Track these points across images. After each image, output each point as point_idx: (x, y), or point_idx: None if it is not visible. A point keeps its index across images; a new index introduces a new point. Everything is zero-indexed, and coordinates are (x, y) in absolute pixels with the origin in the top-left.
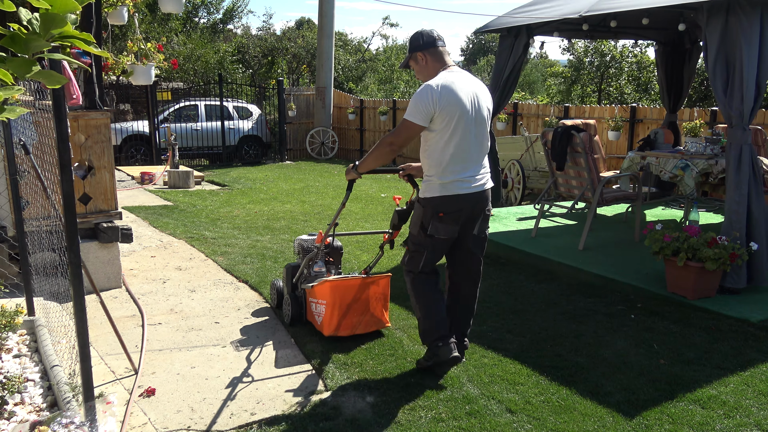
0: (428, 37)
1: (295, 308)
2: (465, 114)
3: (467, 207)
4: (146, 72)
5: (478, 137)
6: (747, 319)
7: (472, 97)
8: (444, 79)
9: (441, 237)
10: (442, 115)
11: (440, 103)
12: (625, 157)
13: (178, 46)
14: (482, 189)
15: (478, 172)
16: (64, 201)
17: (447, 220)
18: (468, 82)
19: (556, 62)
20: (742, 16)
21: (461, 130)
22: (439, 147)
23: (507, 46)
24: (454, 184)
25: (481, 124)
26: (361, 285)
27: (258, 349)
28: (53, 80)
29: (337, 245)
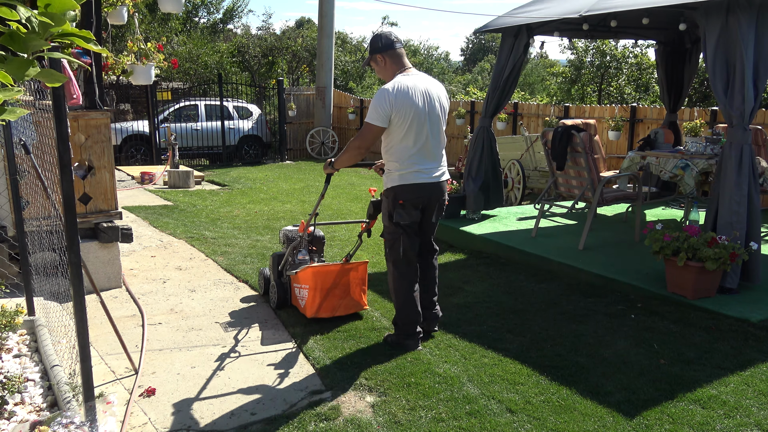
0: (386, 39)
1: (280, 293)
2: (419, 113)
3: (425, 195)
4: (146, 72)
5: (434, 133)
6: (747, 319)
7: (427, 97)
8: (399, 83)
9: (405, 223)
10: (398, 115)
11: (396, 105)
12: (625, 157)
13: (178, 46)
14: (438, 180)
15: (434, 164)
16: (64, 201)
17: (407, 207)
18: (422, 84)
19: (556, 62)
20: (741, 16)
21: (416, 127)
22: (397, 143)
23: (507, 45)
24: (411, 174)
25: (435, 121)
26: (341, 271)
27: (258, 348)
28: (53, 79)
29: (319, 234)
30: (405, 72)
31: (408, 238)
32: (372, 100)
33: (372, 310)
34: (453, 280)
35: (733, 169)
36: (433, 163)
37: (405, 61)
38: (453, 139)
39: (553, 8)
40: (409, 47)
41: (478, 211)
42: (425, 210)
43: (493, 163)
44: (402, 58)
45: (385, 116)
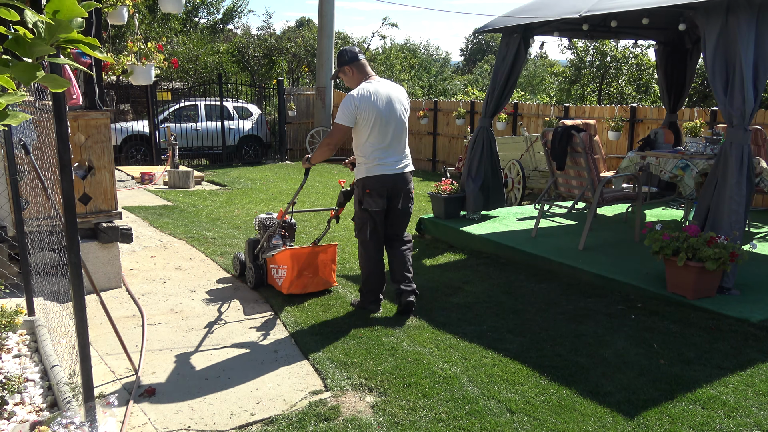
0: (351, 53)
1: (257, 274)
2: (381, 114)
3: (389, 184)
4: (146, 72)
5: (396, 130)
6: (747, 319)
7: (388, 100)
8: (363, 89)
9: (373, 209)
10: (362, 116)
11: (360, 107)
12: (624, 158)
13: (178, 46)
14: (401, 171)
15: (397, 157)
16: (64, 201)
17: (374, 195)
18: (384, 88)
19: (556, 62)
20: (741, 16)
21: (380, 126)
22: (364, 140)
23: (507, 45)
24: (376, 167)
25: (397, 120)
26: (312, 253)
27: (258, 348)
28: (57, 84)
29: (292, 222)
30: (369, 79)
31: (374, 222)
32: (340, 104)
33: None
34: (453, 280)
35: (733, 169)
36: (397, 157)
37: (368, 70)
38: (453, 139)
39: (553, 8)
40: (410, 47)
41: (477, 211)
42: (391, 198)
43: (493, 163)
44: (365, 67)
45: (351, 117)
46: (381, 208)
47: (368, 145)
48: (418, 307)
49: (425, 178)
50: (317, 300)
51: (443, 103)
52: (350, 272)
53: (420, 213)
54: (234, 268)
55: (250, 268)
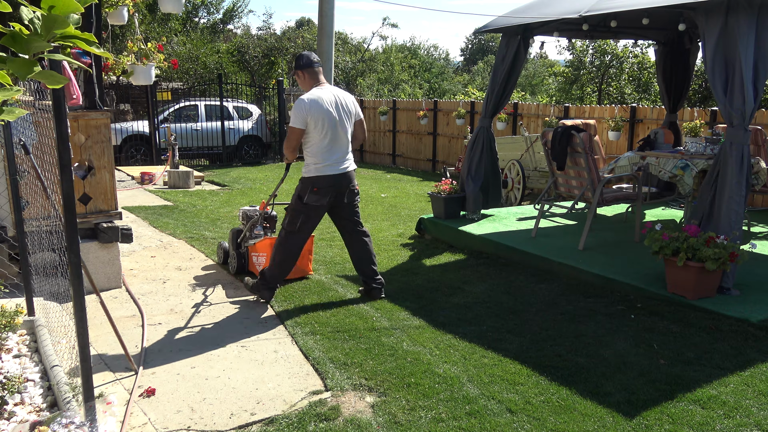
0: (307, 59)
1: (239, 261)
2: (330, 118)
3: (335, 183)
4: (146, 72)
5: (341, 134)
6: (747, 319)
7: (335, 105)
8: (312, 95)
9: (314, 204)
10: (312, 120)
11: (310, 112)
12: (622, 157)
13: (178, 46)
14: (346, 170)
15: (342, 158)
16: (64, 201)
17: (320, 193)
18: (332, 95)
19: (556, 62)
20: (741, 16)
21: (326, 129)
22: (313, 142)
23: (507, 46)
24: (324, 167)
25: (343, 124)
26: None
27: (258, 348)
28: (54, 81)
29: (273, 214)
30: (319, 86)
31: (309, 215)
32: (293, 108)
33: (372, 311)
34: (453, 280)
35: (734, 169)
36: (342, 158)
37: (320, 78)
38: (453, 139)
39: (553, 8)
40: (409, 47)
41: (477, 211)
42: (337, 195)
43: (493, 163)
44: (318, 75)
45: (303, 121)
46: (320, 205)
47: (317, 147)
48: (418, 307)
49: (425, 178)
50: (317, 300)
51: (443, 103)
52: (350, 272)
53: (420, 213)
54: (218, 255)
55: (233, 256)
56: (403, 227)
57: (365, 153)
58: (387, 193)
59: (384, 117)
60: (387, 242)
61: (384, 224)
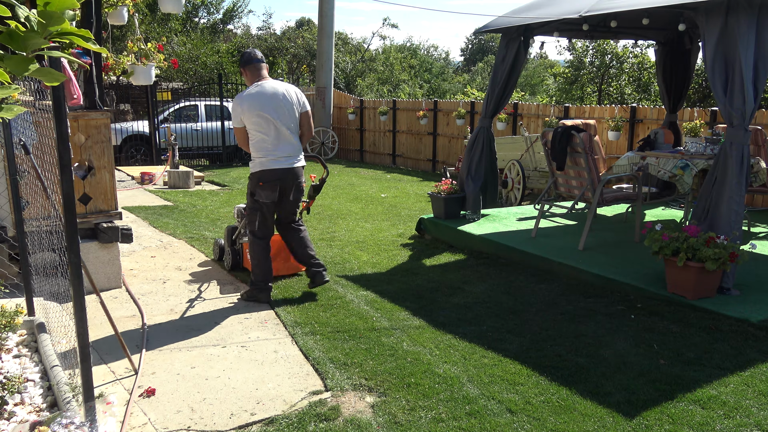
0: (247, 57)
1: (234, 258)
2: (268, 113)
3: (281, 177)
4: (146, 72)
5: (285, 127)
6: (747, 319)
7: (275, 100)
8: (249, 91)
9: (264, 201)
10: (249, 117)
11: (244, 111)
12: (622, 157)
13: (178, 46)
14: (291, 166)
15: (286, 153)
16: (64, 201)
17: (266, 188)
18: (272, 88)
19: (556, 62)
20: (741, 16)
21: (266, 124)
22: (255, 137)
23: (507, 46)
24: (269, 161)
25: (285, 118)
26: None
27: (258, 348)
28: (52, 78)
29: None
30: (259, 81)
31: (263, 213)
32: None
33: (372, 311)
34: (453, 280)
35: (734, 169)
36: (287, 152)
37: (262, 73)
38: (453, 139)
39: (553, 9)
40: (408, 47)
41: (477, 211)
42: (283, 190)
43: (492, 163)
44: (260, 71)
45: (238, 119)
46: (272, 201)
47: (260, 142)
48: (418, 307)
49: (425, 178)
50: (317, 300)
51: (443, 103)
52: (350, 272)
53: (420, 213)
54: (214, 252)
55: (228, 252)
56: (403, 227)
57: (365, 153)
58: (387, 193)
59: (384, 117)
60: (387, 242)
61: (384, 224)
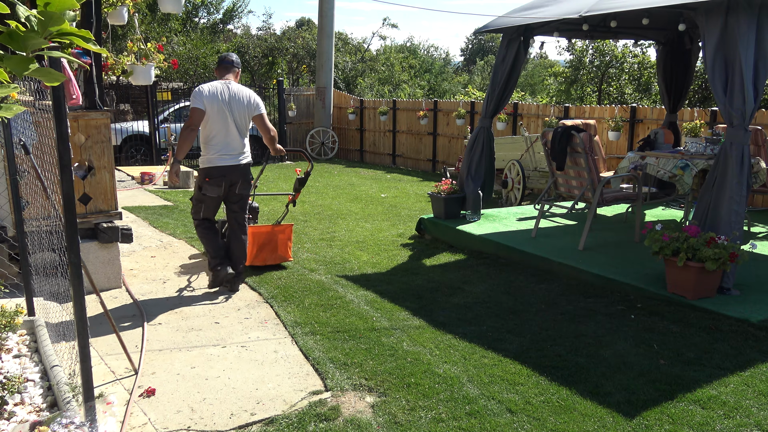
0: (220, 59)
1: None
2: (223, 110)
3: (225, 174)
4: (146, 72)
5: (236, 127)
6: (747, 319)
7: (229, 100)
8: (210, 85)
9: (210, 195)
10: (209, 103)
11: (205, 97)
12: (624, 158)
13: (178, 46)
14: (237, 163)
15: (233, 151)
16: (64, 201)
17: (213, 183)
18: (230, 90)
19: (556, 62)
20: (741, 16)
21: (218, 122)
22: (206, 134)
23: (507, 46)
24: (216, 158)
25: (238, 119)
26: (272, 232)
27: (258, 348)
28: (51, 78)
29: (255, 206)
30: (223, 81)
31: (207, 205)
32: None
33: (372, 311)
34: (453, 280)
35: (734, 169)
36: (234, 150)
37: (228, 75)
38: (453, 139)
39: (553, 9)
40: (408, 47)
41: (477, 211)
42: (231, 185)
43: (491, 163)
44: (225, 72)
45: (201, 102)
46: (217, 195)
47: (211, 139)
48: (418, 307)
49: (425, 178)
50: (317, 300)
51: (443, 103)
52: (350, 272)
53: (420, 213)
54: None
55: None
56: (403, 227)
57: (365, 153)
58: (387, 193)
59: (384, 117)
60: (387, 242)
61: (384, 224)
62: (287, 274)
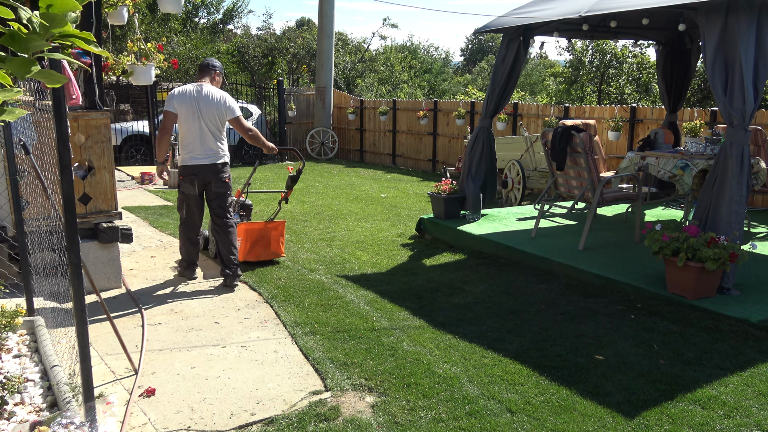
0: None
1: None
2: (190, 112)
3: (196, 173)
4: (146, 72)
5: (206, 128)
6: (747, 319)
7: (198, 101)
8: (182, 88)
9: (186, 192)
10: (179, 106)
11: (175, 101)
12: (624, 158)
13: (178, 46)
14: (210, 162)
15: (208, 151)
16: (64, 201)
17: (186, 181)
18: (201, 91)
19: (556, 62)
20: (741, 16)
21: (188, 123)
22: (180, 135)
23: (507, 46)
24: (188, 158)
25: (208, 120)
26: (265, 228)
27: (258, 348)
28: (53, 80)
29: (248, 203)
30: (197, 83)
31: (188, 203)
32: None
33: (372, 311)
34: (453, 280)
35: (734, 169)
36: (207, 150)
37: (204, 78)
38: (453, 140)
39: (553, 8)
40: (408, 47)
41: (477, 211)
42: (205, 184)
43: (492, 163)
44: (203, 75)
45: (171, 105)
46: (193, 193)
47: (184, 140)
48: (418, 307)
49: (425, 178)
50: (317, 300)
51: (443, 103)
52: (350, 272)
53: (420, 213)
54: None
55: (212, 241)
56: (403, 227)
57: (365, 153)
58: (387, 193)
59: (384, 117)
60: (387, 242)
61: (384, 224)
62: (287, 274)
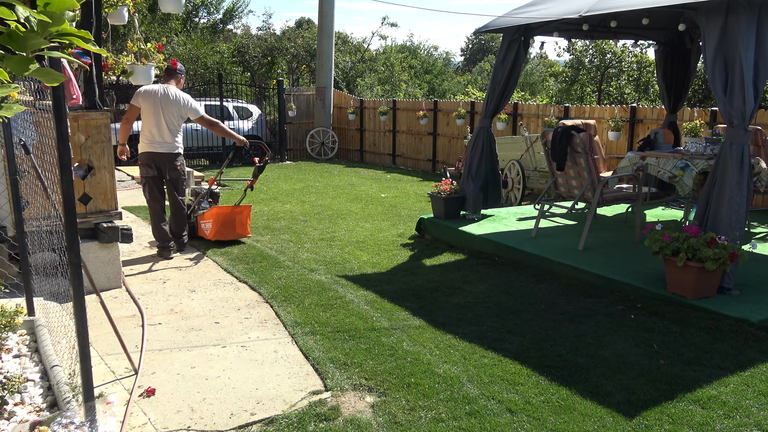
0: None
1: (189, 230)
2: (153, 108)
3: (153, 159)
4: (146, 72)
5: (165, 121)
6: (747, 319)
7: (162, 100)
8: (150, 87)
9: (145, 175)
10: (143, 101)
11: (141, 97)
12: (624, 158)
13: (178, 46)
14: (164, 151)
15: (165, 141)
16: (64, 201)
17: (144, 165)
18: (165, 92)
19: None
20: (741, 16)
21: (149, 117)
22: (142, 126)
23: (507, 46)
24: (146, 145)
25: (168, 114)
26: (232, 212)
27: (258, 348)
28: (52, 78)
29: (216, 191)
30: (163, 84)
31: (149, 186)
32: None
33: (372, 311)
34: (453, 280)
35: (734, 169)
36: (163, 140)
37: (170, 80)
38: (453, 139)
39: (553, 8)
40: (409, 47)
41: (477, 211)
42: (159, 170)
43: (492, 163)
44: (169, 78)
45: (136, 100)
46: (151, 176)
47: (145, 128)
48: (418, 307)
49: (425, 178)
50: (317, 300)
51: (443, 103)
52: (350, 272)
53: (420, 213)
54: None
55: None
56: (403, 227)
57: (365, 153)
58: (387, 193)
59: (384, 117)
60: (387, 242)
61: (384, 224)
62: (287, 274)
